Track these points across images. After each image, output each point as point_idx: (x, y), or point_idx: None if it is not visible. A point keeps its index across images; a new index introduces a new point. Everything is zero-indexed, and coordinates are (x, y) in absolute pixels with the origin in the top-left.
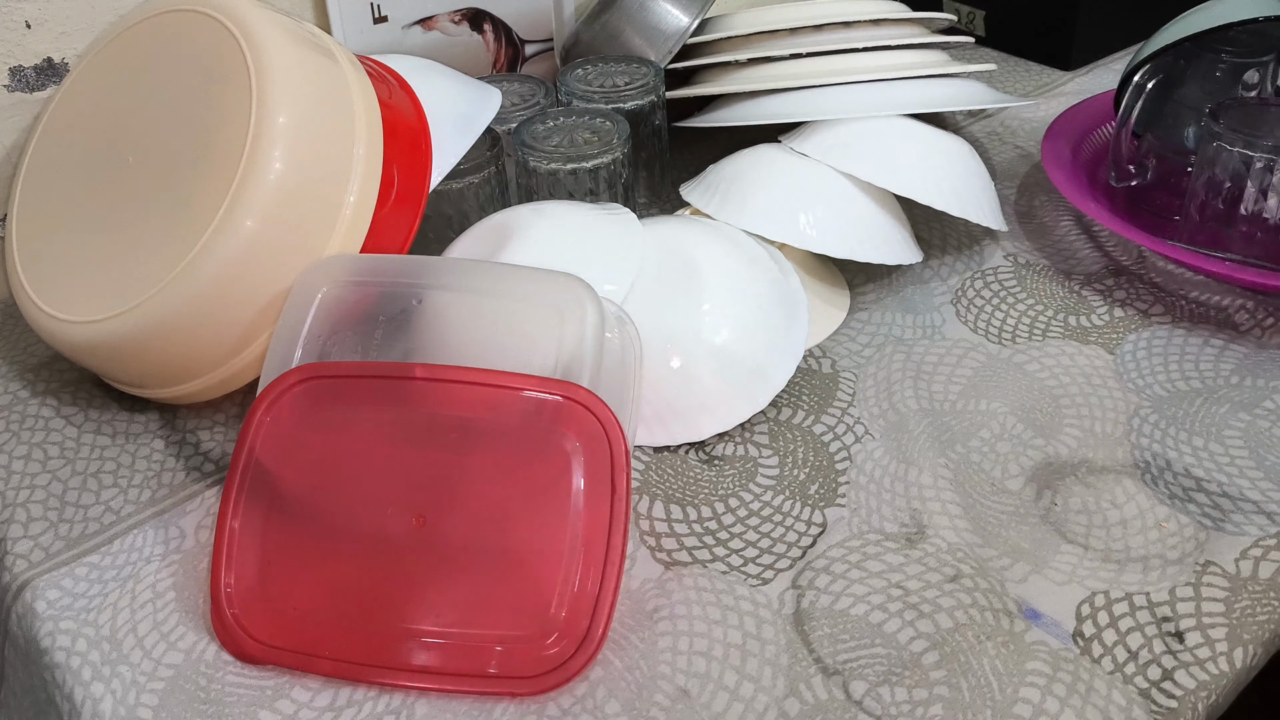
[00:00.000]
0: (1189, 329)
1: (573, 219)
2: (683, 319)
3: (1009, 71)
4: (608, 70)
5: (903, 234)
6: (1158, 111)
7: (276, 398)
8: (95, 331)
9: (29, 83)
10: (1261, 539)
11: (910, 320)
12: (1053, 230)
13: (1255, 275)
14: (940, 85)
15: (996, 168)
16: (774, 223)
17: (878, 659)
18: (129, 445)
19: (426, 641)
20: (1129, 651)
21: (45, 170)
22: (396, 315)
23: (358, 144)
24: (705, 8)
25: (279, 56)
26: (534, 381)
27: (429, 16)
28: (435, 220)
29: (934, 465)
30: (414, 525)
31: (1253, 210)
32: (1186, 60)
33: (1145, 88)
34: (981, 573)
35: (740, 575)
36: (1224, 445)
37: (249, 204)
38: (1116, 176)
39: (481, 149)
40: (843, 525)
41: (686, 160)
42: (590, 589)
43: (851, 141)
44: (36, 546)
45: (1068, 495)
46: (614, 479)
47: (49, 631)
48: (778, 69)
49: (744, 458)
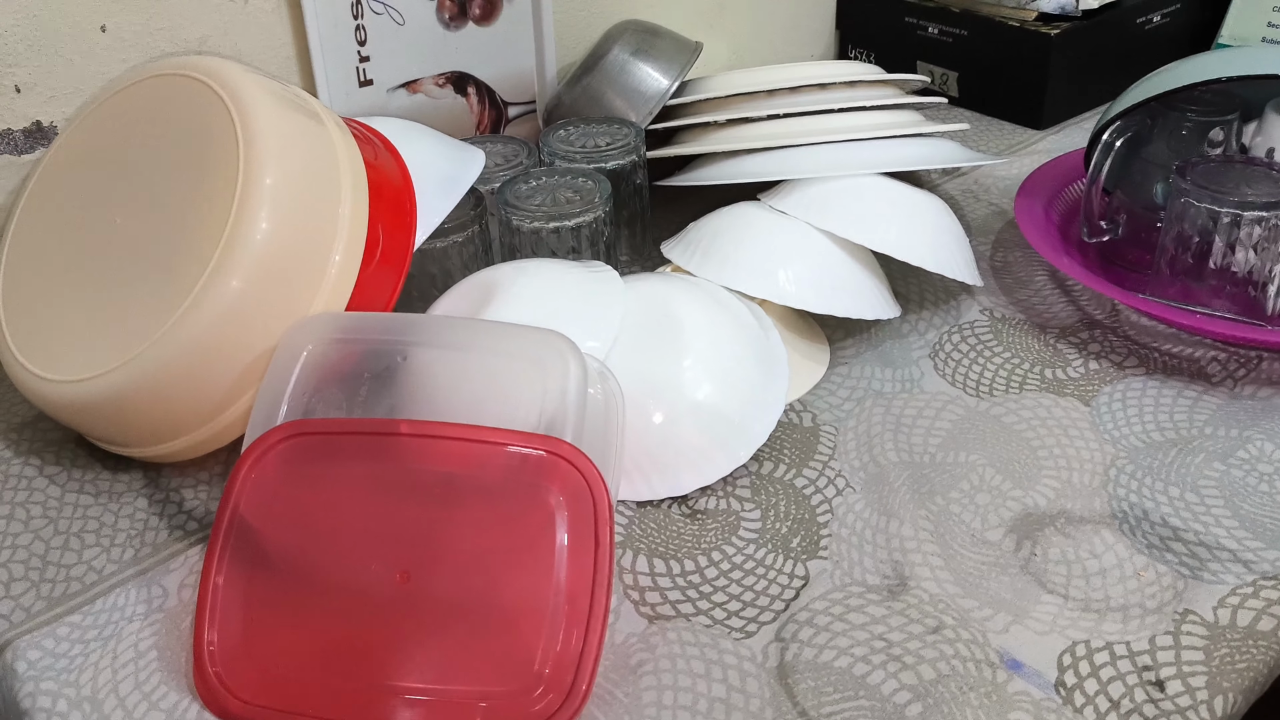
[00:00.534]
0: (1163, 381)
1: (555, 276)
2: (664, 374)
3: (982, 131)
4: (589, 131)
5: (881, 289)
6: (1127, 169)
7: (261, 454)
8: (80, 391)
9: (17, 145)
10: (1239, 587)
11: (889, 374)
12: (1027, 285)
13: (1225, 327)
14: (915, 144)
15: (971, 224)
16: (754, 279)
17: (862, 711)
18: (112, 504)
19: (410, 699)
20: (1111, 701)
21: (32, 232)
22: (381, 372)
23: (343, 204)
24: (685, 70)
25: (266, 119)
26: (518, 437)
27: (413, 80)
28: (420, 279)
29: (915, 517)
30: (398, 581)
31: (1221, 264)
32: (1153, 119)
33: (1114, 146)
34: (963, 623)
35: (724, 629)
36: (1200, 495)
37: (235, 264)
38: (1088, 232)
39: (465, 208)
40: (825, 578)
41: (667, 218)
42: (574, 644)
43: (829, 199)
44: (18, 607)
45: (1047, 545)
46: (597, 533)
47: (29, 692)
48: (756, 129)
49: (726, 511)
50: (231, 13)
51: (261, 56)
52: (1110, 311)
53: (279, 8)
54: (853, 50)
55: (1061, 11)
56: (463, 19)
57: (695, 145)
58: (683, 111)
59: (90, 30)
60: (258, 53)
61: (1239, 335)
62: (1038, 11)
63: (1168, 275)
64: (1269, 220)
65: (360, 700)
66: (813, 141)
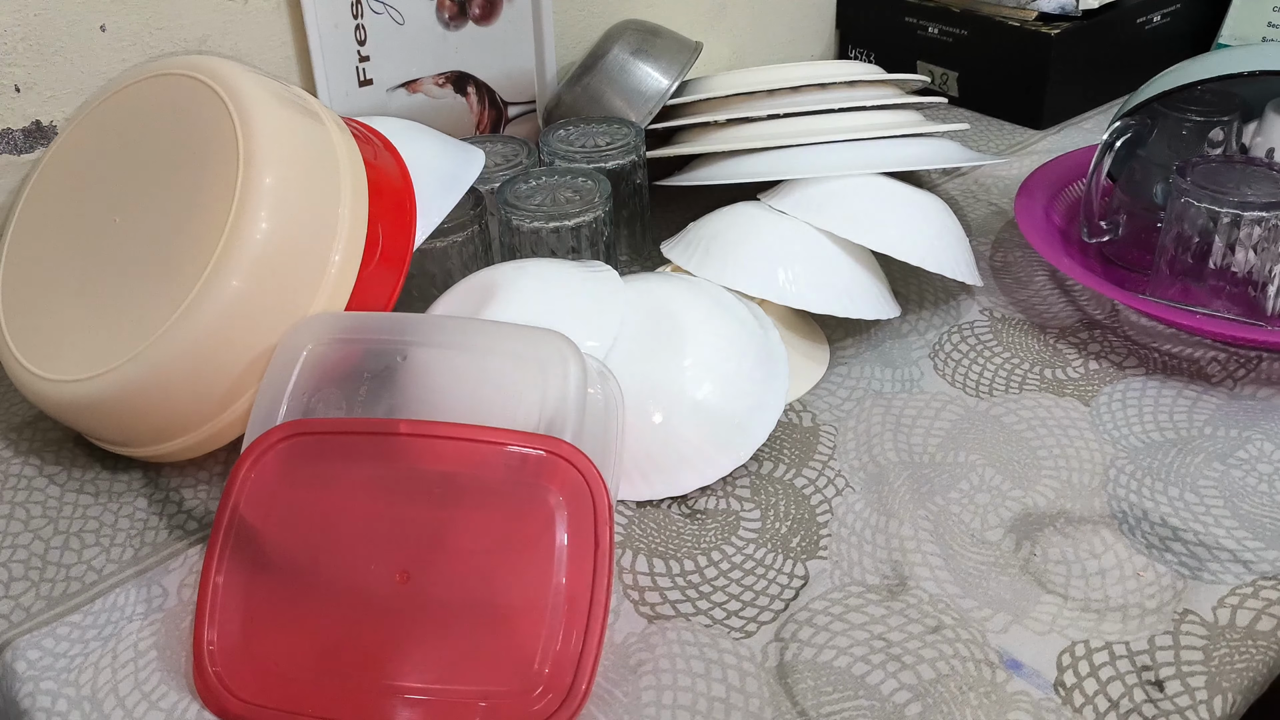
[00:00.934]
0: (1162, 381)
1: (555, 276)
2: (664, 374)
3: (982, 131)
4: (589, 131)
5: (881, 289)
6: (1128, 169)
7: (261, 454)
8: (80, 390)
9: (17, 145)
10: (1238, 587)
11: (889, 374)
12: (1027, 285)
13: (1225, 327)
14: (915, 144)
15: (971, 224)
16: (754, 279)
17: (861, 711)
18: (112, 504)
19: (410, 699)
20: (1110, 701)
21: (32, 231)
22: (381, 372)
23: (343, 204)
24: (685, 70)
25: (266, 119)
26: (518, 436)
27: (413, 80)
28: (419, 278)
29: (914, 517)
30: (397, 581)
31: (1221, 264)
32: (1154, 119)
33: (1114, 146)
34: (963, 623)
35: (723, 629)
36: (1199, 495)
37: (235, 264)
38: (1088, 232)
39: (465, 208)
40: (825, 578)
41: (667, 218)
42: (574, 644)
43: (829, 199)
44: (17, 606)
45: (1047, 546)
46: (597, 533)
47: (29, 692)
48: (756, 129)
49: (726, 511)
50: (231, 13)
51: (261, 56)
52: (1110, 311)
53: (279, 8)
54: (853, 50)
55: (1061, 11)
56: (463, 19)
57: (695, 145)
58: (683, 111)
59: (90, 30)
60: (258, 53)
61: (1239, 335)
62: (1038, 11)
63: (1168, 275)
64: (1269, 220)
65: (360, 700)
66: (813, 141)
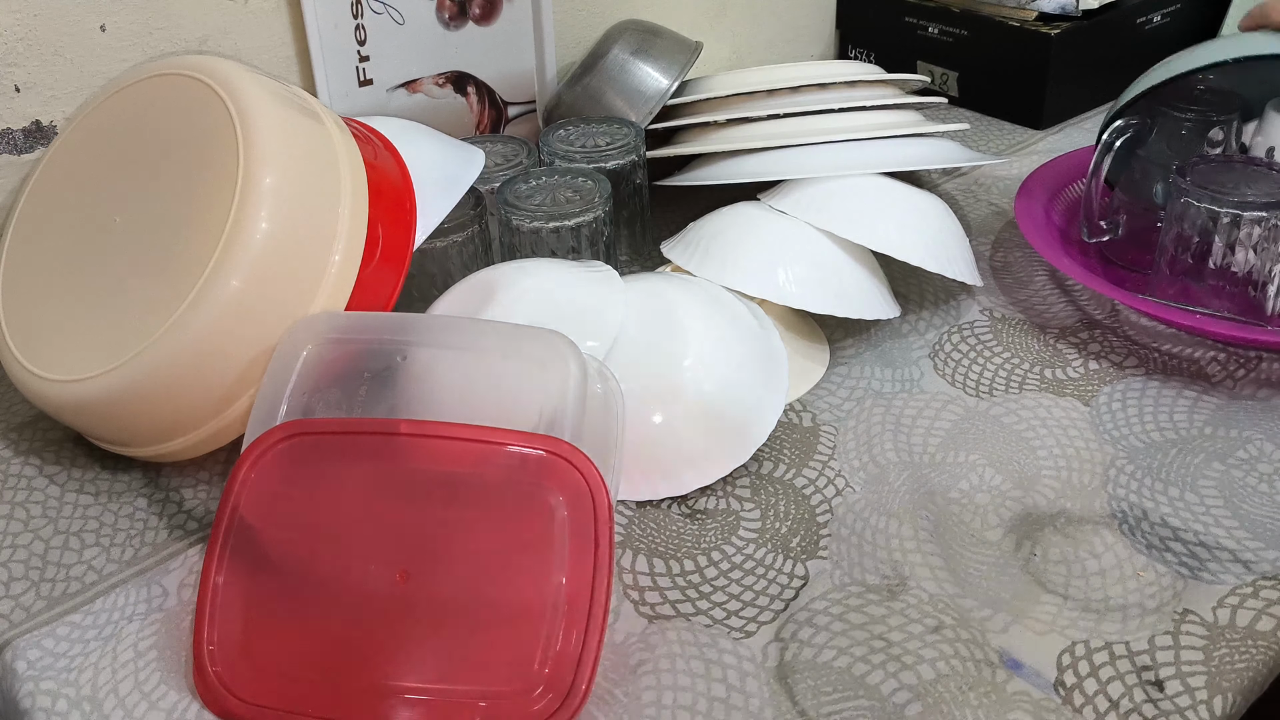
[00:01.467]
0: (1163, 381)
1: (555, 276)
2: (665, 374)
3: (981, 131)
4: (589, 131)
5: (881, 289)
6: (1127, 169)
7: (261, 454)
8: (80, 390)
9: (17, 145)
10: (1238, 587)
11: (889, 374)
12: (1027, 285)
13: (1225, 328)
14: (915, 144)
15: (971, 224)
16: (754, 279)
17: (861, 711)
18: (112, 504)
19: (410, 699)
20: (1110, 701)
21: (32, 231)
22: (381, 372)
23: (343, 204)
24: (685, 70)
25: (265, 119)
26: (518, 436)
27: (413, 80)
28: (419, 278)
29: (914, 517)
30: (397, 581)
31: (1221, 264)
32: (1154, 119)
33: (1114, 146)
34: (963, 623)
35: (723, 628)
36: (1199, 495)
37: (235, 263)
38: (1088, 232)
39: (465, 208)
40: (825, 577)
41: (667, 218)
42: (574, 644)
43: (829, 199)
44: (17, 606)
45: (1047, 546)
46: (597, 533)
47: (29, 692)
48: (756, 129)
49: (726, 511)
50: (231, 13)
51: (261, 56)
52: (1110, 311)
53: (279, 8)
54: (853, 50)
55: (1061, 11)
56: (463, 19)
57: (695, 145)
58: (683, 111)
59: (90, 30)
60: (258, 53)
61: (1239, 335)
62: (1038, 11)
63: (1168, 275)
64: (1269, 220)
65: (360, 700)
66: (813, 141)
